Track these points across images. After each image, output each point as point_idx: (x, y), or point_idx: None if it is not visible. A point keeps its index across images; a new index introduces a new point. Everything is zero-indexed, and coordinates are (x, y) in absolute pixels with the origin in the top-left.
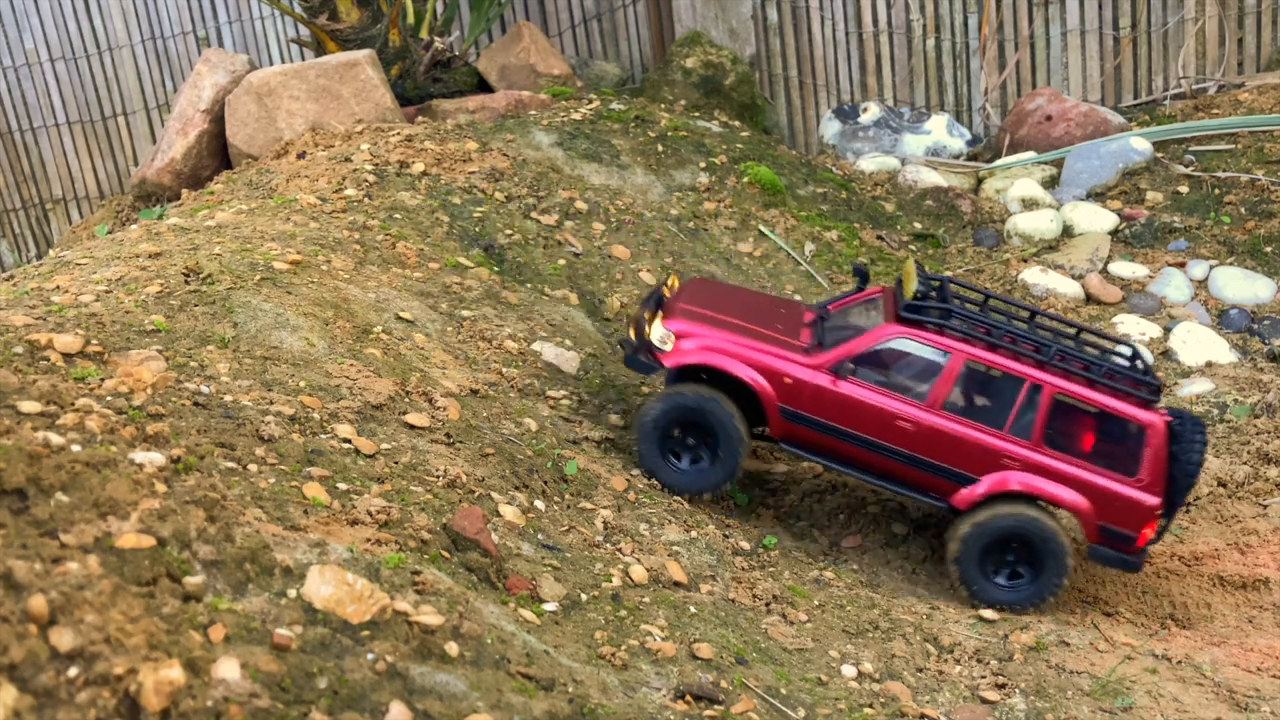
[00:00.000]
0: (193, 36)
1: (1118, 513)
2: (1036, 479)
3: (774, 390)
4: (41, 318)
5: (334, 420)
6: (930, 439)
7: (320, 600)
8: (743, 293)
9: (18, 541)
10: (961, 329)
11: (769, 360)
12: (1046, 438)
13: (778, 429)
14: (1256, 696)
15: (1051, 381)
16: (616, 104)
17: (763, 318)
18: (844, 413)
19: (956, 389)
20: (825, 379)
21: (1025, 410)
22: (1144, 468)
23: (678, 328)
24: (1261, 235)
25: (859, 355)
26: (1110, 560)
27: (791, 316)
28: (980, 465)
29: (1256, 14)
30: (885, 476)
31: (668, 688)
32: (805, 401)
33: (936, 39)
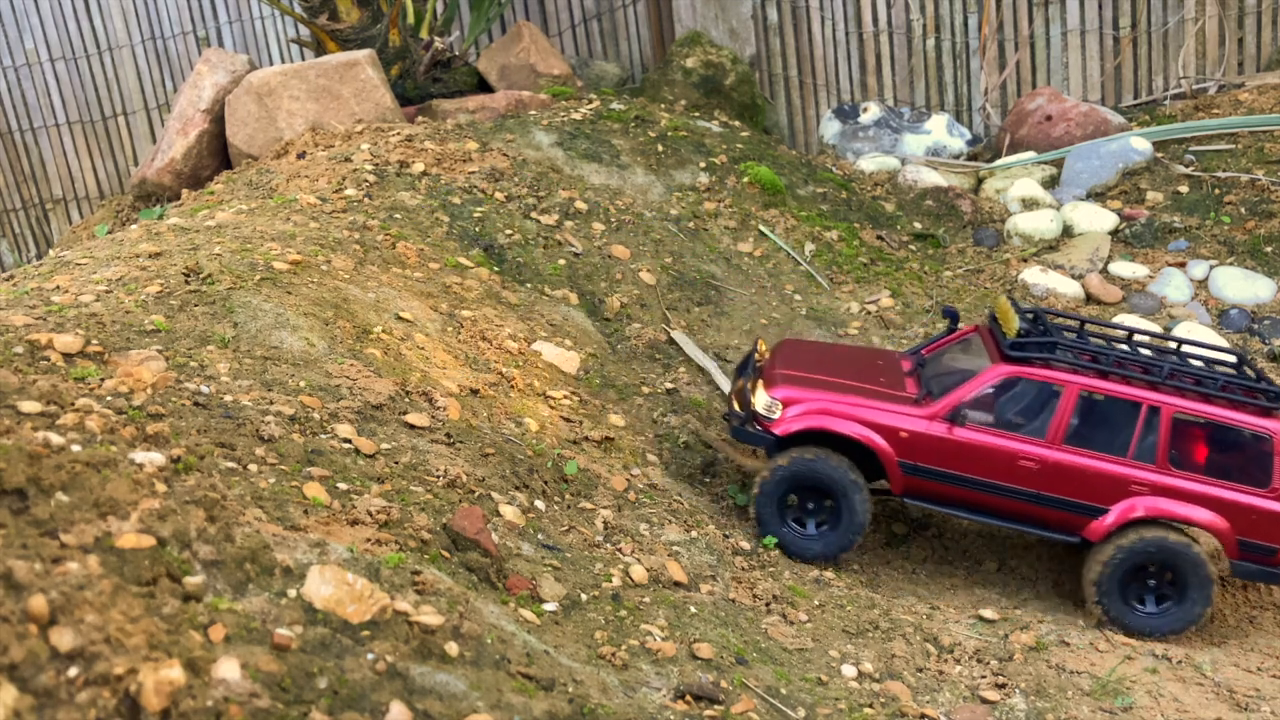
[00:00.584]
0: (193, 36)
1: (1256, 526)
2: (1167, 502)
3: (891, 446)
4: (41, 318)
5: (334, 420)
6: (1055, 475)
7: (320, 600)
8: (836, 349)
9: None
10: (1069, 360)
11: (881, 416)
12: (1171, 459)
13: (899, 484)
14: (1256, 696)
15: (1169, 402)
16: (616, 104)
17: (863, 373)
18: (965, 459)
19: (1074, 421)
20: (941, 428)
21: (1146, 434)
22: (1276, 477)
23: (783, 395)
24: (1261, 235)
25: (971, 399)
26: (1256, 575)
27: (891, 368)
28: (1108, 495)
29: (1256, 14)
30: (1013, 518)
31: (668, 688)
32: (924, 453)
33: (936, 39)
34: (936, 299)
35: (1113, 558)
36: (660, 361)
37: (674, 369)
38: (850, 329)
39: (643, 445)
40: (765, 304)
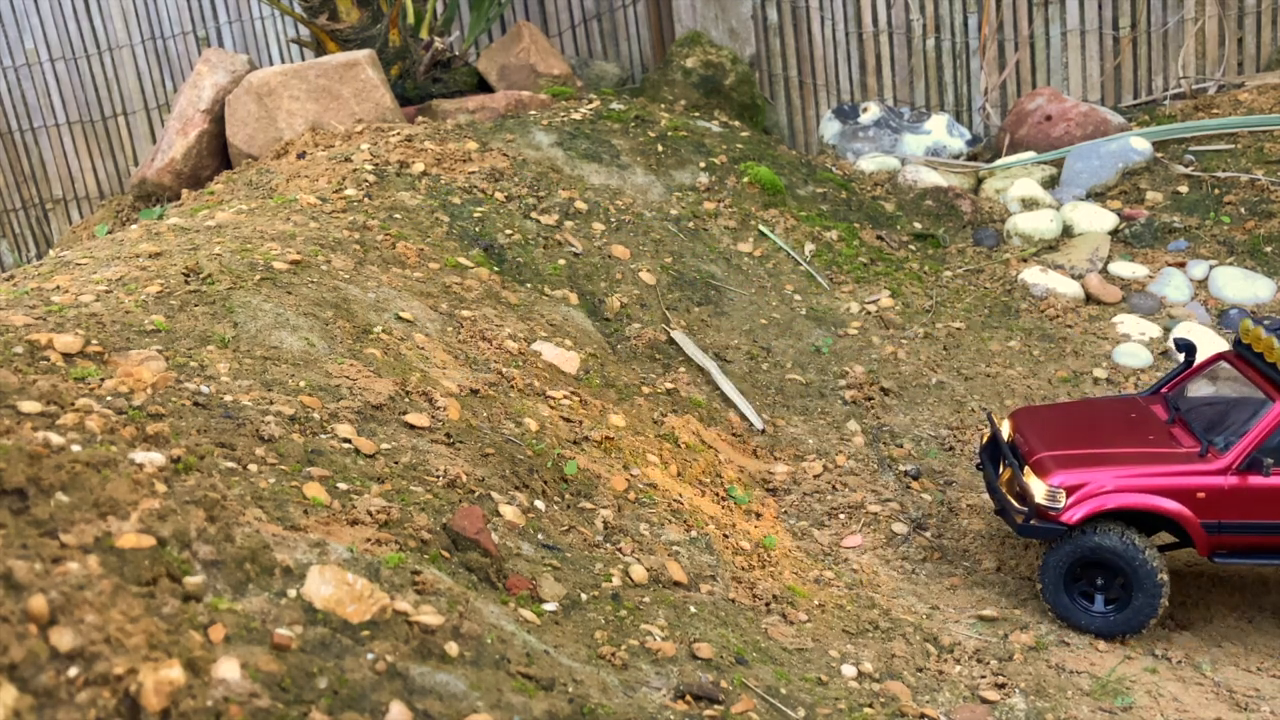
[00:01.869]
0: (193, 36)
1: None
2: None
3: (1190, 511)
4: (41, 318)
5: (334, 420)
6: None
7: (320, 600)
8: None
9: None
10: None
11: (1174, 481)
12: None
13: (1204, 546)
14: (1256, 696)
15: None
16: (616, 104)
17: (1125, 434)
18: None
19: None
20: (1234, 480)
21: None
22: None
23: (1063, 481)
24: (1261, 235)
25: (1266, 444)
26: None
27: (1147, 420)
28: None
29: (1256, 14)
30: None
31: (668, 688)
32: (1227, 511)
33: (936, 39)
34: (936, 299)
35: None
36: (660, 361)
37: (674, 369)
38: (850, 329)
39: (643, 445)
40: (765, 304)
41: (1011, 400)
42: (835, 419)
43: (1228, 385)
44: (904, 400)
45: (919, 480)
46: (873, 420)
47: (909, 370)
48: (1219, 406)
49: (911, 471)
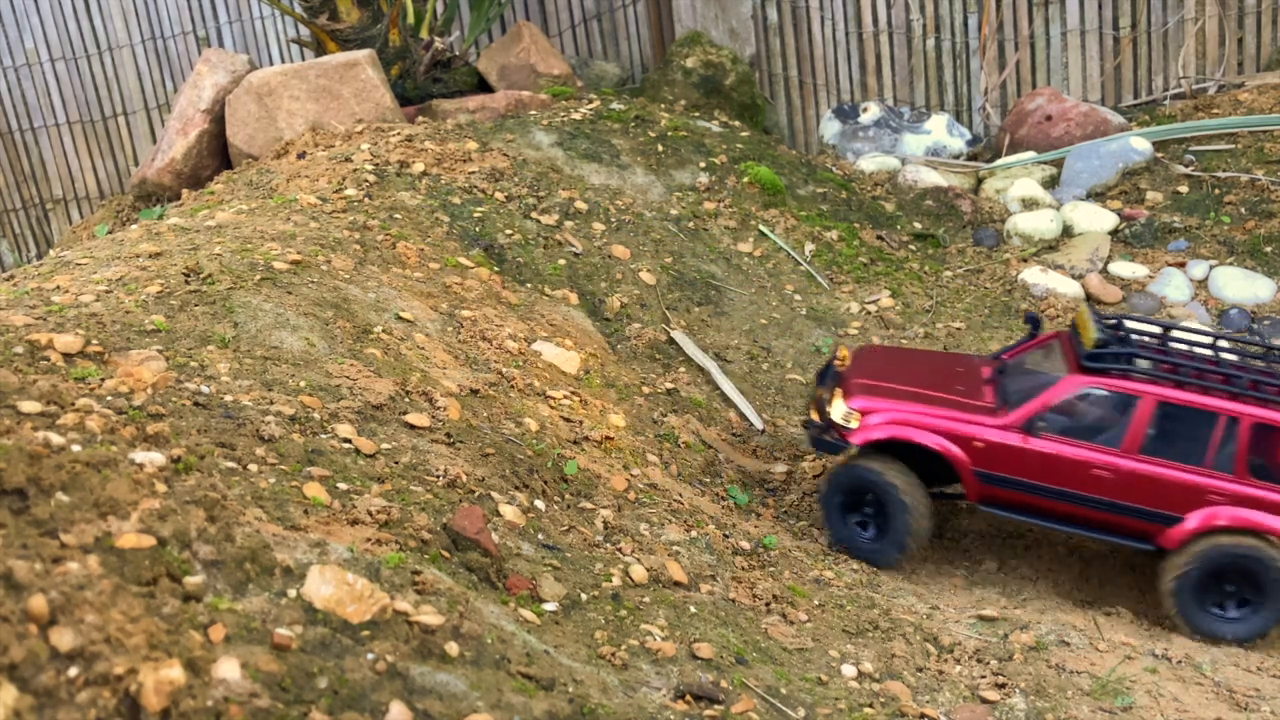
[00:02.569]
0: (193, 36)
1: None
2: (1246, 512)
3: (967, 455)
4: (41, 318)
5: (334, 420)
6: (1131, 484)
7: (320, 600)
8: (915, 355)
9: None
10: (1147, 371)
11: (957, 426)
12: (1251, 468)
13: (974, 492)
14: (1256, 696)
15: (1247, 411)
16: (616, 104)
17: (941, 381)
18: (1040, 469)
19: (1151, 431)
20: (1016, 438)
21: (1225, 443)
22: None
23: (860, 405)
24: (1261, 235)
25: (1047, 410)
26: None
27: (970, 375)
28: (1185, 504)
29: (1256, 14)
30: (1088, 525)
31: (668, 688)
32: (1000, 463)
33: (936, 39)
34: (936, 299)
35: (1188, 566)
36: (660, 361)
37: (674, 369)
38: (850, 329)
39: (643, 445)
40: (765, 304)
41: None
42: None
43: (1051, 361)
44: None
45: None
46: None
47: None
48: (1033, 376)
49: None
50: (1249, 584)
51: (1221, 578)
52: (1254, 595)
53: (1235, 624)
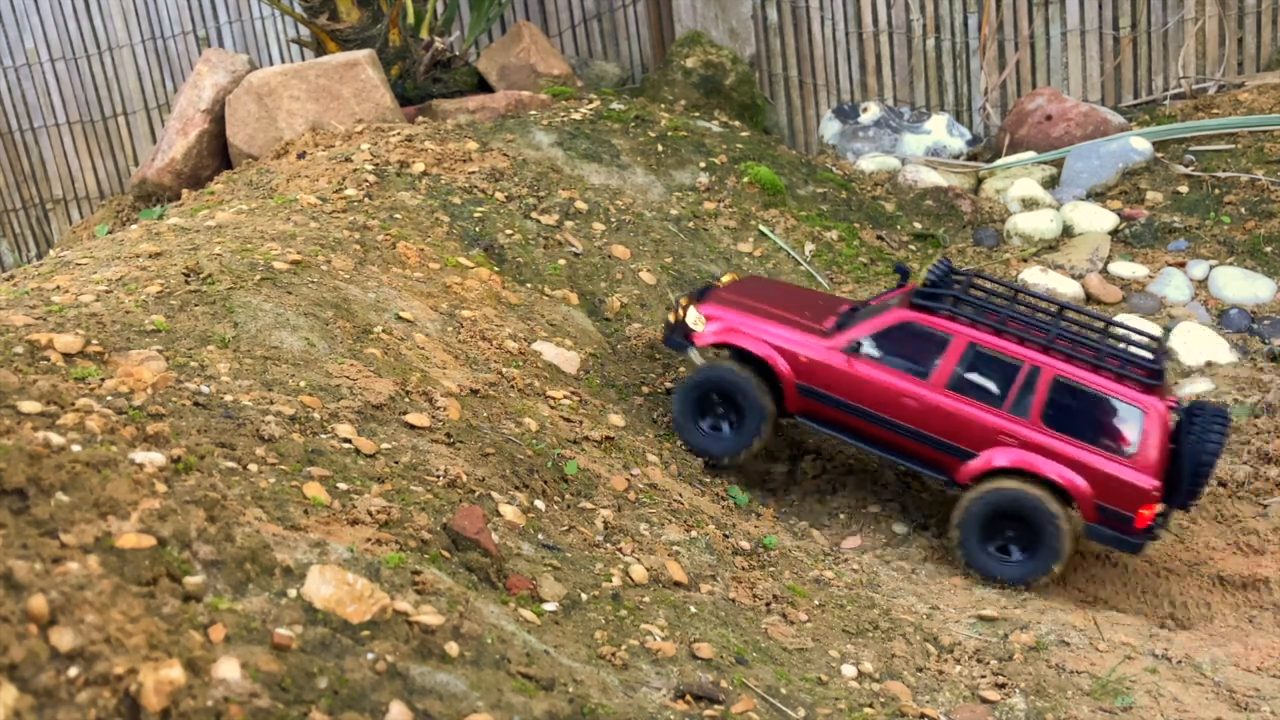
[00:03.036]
0: (193, 36)
1: (1113, 493)
2: (1031, 456)
3: (790, 368)
4: (42, 318)
5: (334, 420)
6: (933, 415)
7: (320, 600)
8: (792, 290)
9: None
10: (970, 315)
11: (785, 341)
12: (1046, 418)
13: (794, 404)
14: (1256, 696)
15: (1051, 364)
16: (616, 104)
17: (795, 308)
18: (854, 389)
19: (960, 369)
20: (838, 359)
21: (1025, 391)
22: (1141, 450)
23: (709, 311)
24: (1261, 235)
25: (870, 336)
26: (1108, 540)
27: (826, 308)
28: (979, 442)
29: (1256, 14)
30: (892, 450)
31: (668, 687)
32: (819, 379)
33: (936, 39)
34: None
35: (974, 503)
36: (660, 361)
37: (674, 369)
38: None
39: (643, 445)
40: None
41: None
42: None
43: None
44: None
45: (919, 480)
46: None
47: None
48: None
49: None
50: (1027, 529)
51: (1003, 520)
52: (1030, 541)
53: (1010, 567)
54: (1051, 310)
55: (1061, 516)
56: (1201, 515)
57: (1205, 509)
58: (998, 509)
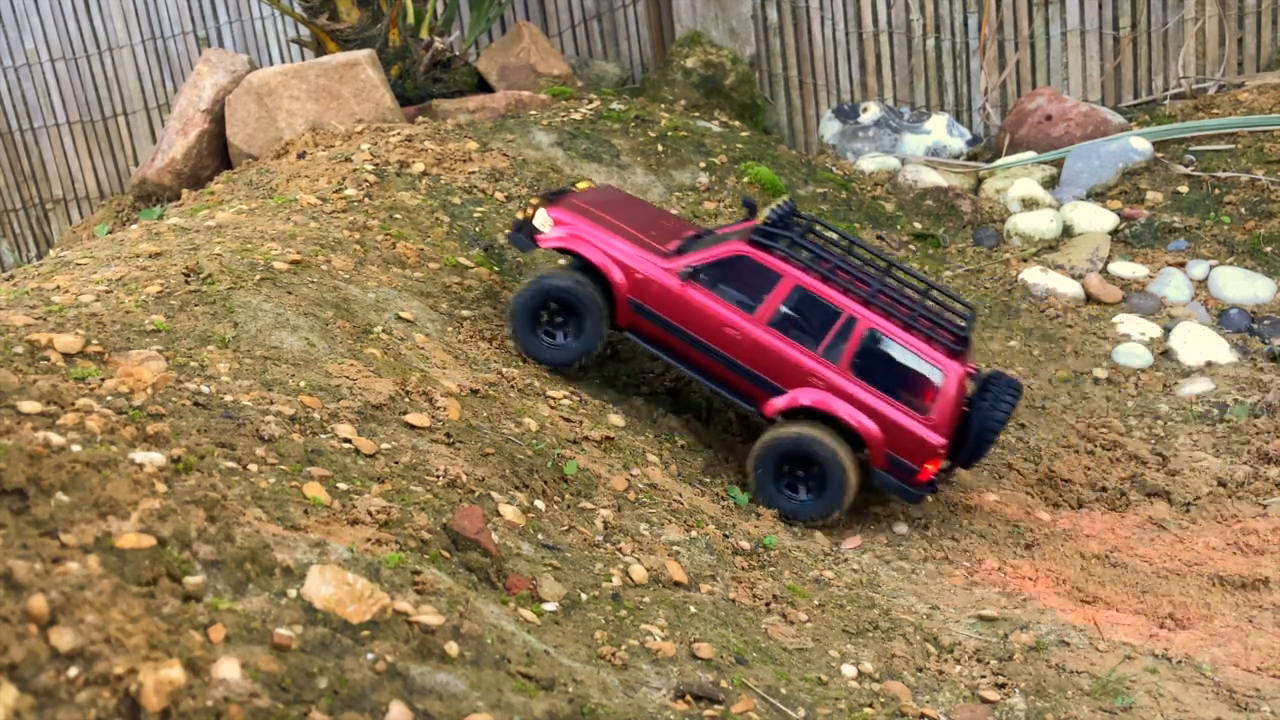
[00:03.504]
0: (193, 36)
1: (903, 445)
2: (832, 399)
3: (625, 281)
4: (41, 318)
5: (334, 420)
6: (752, 349)
7: (320, 600)
8: (646, 207)
9: (18, 541)
10: (802, 259)
11: (625, 256)
12: (854, 366)
13: (624, 318)
14: (1256, 696)
15: (867, 316)
16: (616, 104)
17: (644, 225)
18: (682, 313)
19: (783, 309)
20: (673, 281)
21: (839, 338)
22: (936, 408)
23: (558, 216)
24: (1261, 235)
25: (706, 264)
26: (891, 487)
27: (674, 231)
28: (791, 380)
29: (1256, 14)
30: (709, 376)
31: (668, 687)
32: (651, 297)
33: (936, 39)
34: None
35: (771, 440)
36: (660, 361)
37: (674, 369)
38: None
39: (643, 445)
40: None
41: None
42: None
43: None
44: None
45: None
46: None
47: None
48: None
49: None
50: (817, 470)
51: (796, 460)
52: (818, 482)
53: (799, 504)
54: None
55: (848, 466)
56: (1201, 515)
57: (1205, 509)
58: (794, 450)
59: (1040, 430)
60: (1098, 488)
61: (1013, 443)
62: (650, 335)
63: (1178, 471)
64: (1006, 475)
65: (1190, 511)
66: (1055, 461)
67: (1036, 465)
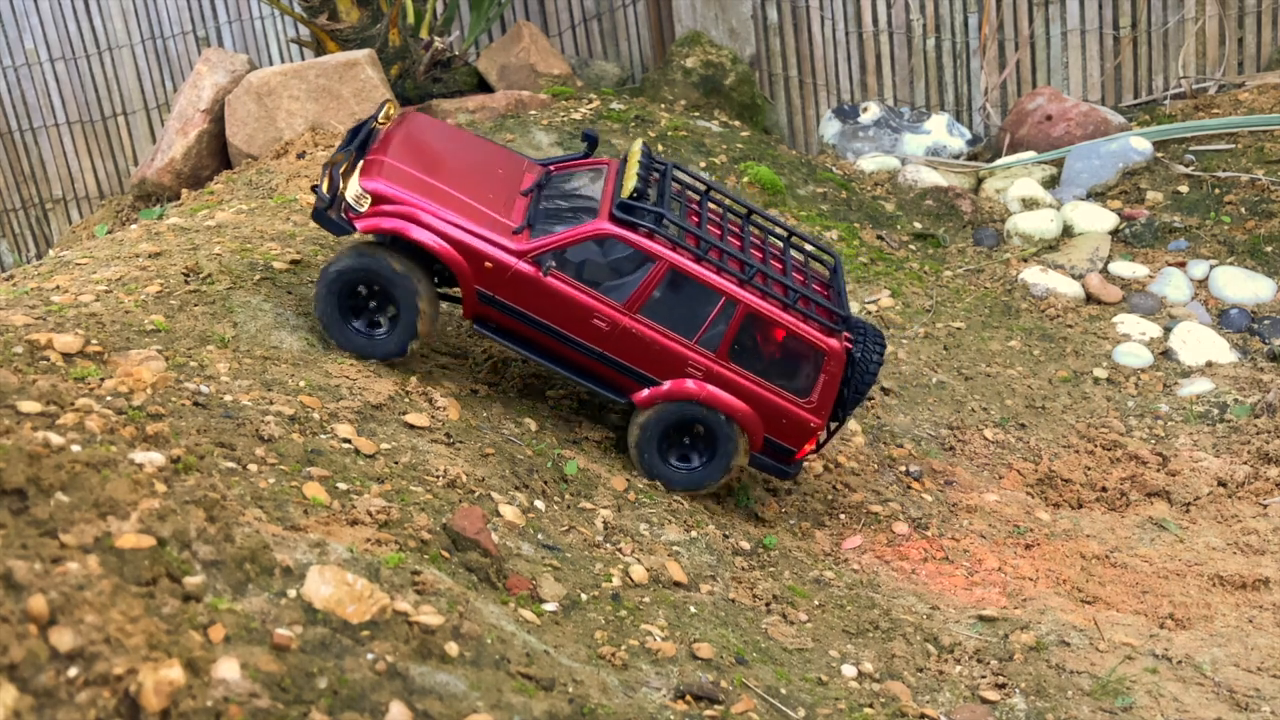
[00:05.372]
0: (193, 36)
1: (784, 429)
2: (714, 388)
3: (472, 271)
4: (41, 318)
5: (334, 420)
6: (623, 340)
7: (320, 600)
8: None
9: (18, 541)
10: (671, 236)
11: (471, 239)
12: (733, 352)
13: (471, 309)
14: (1256, 696)
15: (747, 299)
16: (616, 104)
17: (478, 182)
18: (542, 304)
19: (656, 294)
20: (528, 267)
21: (718, 323)
22: (817, 391)
23: (378, 189)
24: (1261, 235)
25: (565, 249)
26: (766, 468)
27: (510, 181)
28: (666, 370)
29: (1256, 14)
30: (574, 369)
31: (668, 688)
32: (504, 288)
33: (936, 39)
34: (936, 299)
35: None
36: None
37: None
38: None
39: None
40: None
41: (1011, 400)
42: None
43: (594, 187)
44: (904, 400)
45: (919, 480)
46: (873, 420)
47: (909, 370)
48: (566, 204)
49: (914, 472)
50: (703, 438)
51: (680, 431)
52: (706, 448)
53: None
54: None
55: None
56: (1201, 515)
57: (1205, 509)
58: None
59: (1040, 430)
60: (1098, 488)
61: (1013, 443)
62: (503, 327)
63: (1178, 471)
64: (1006, 475)
65: (1190, 511)
66: (1055, 461)
67: (1036, 465)
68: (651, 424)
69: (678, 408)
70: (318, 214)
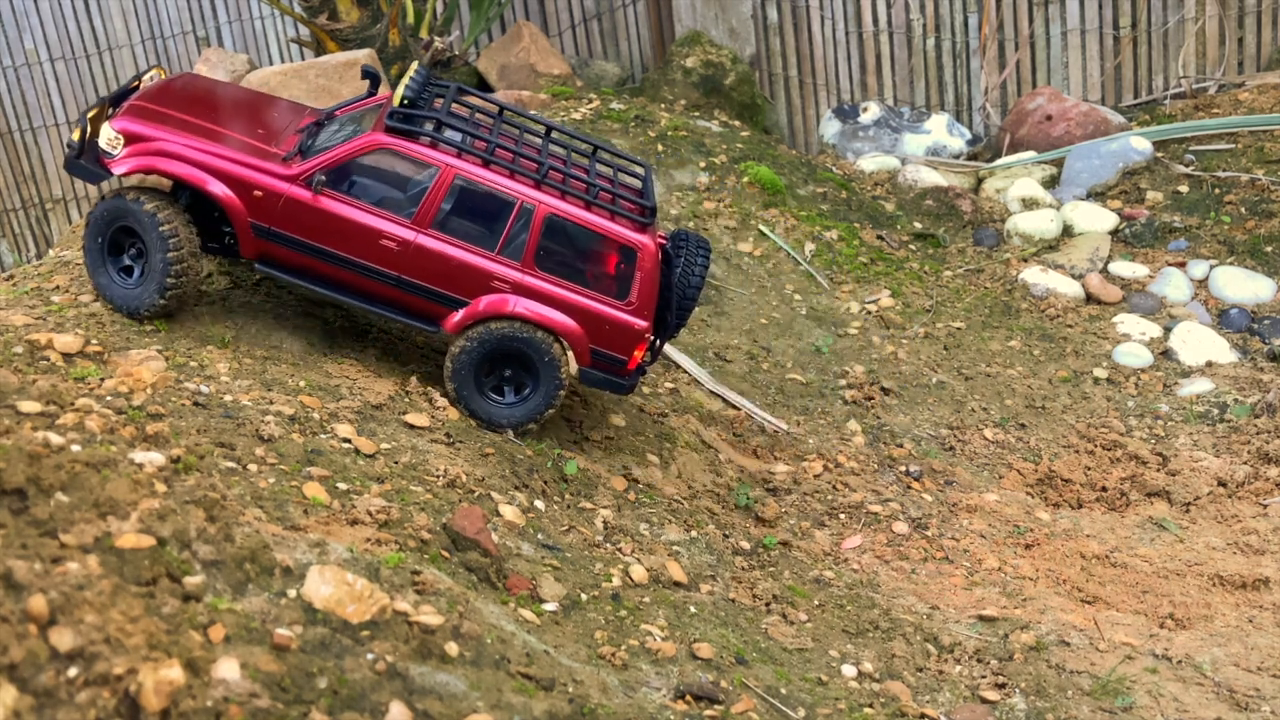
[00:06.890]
0: (193, 36)
1: (608, 336)
2: (526, 302)
3: (242, 203)
4: (41, 318)
5: (334, 420)
6: (417, 260)
7: (320, 600)
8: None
9: (18, 541)
10: (455, 142)
11: (234, 169)
12: (539, 260)
13: (249, 247)
14: (1256, 696)
15: (545, 202)
16: (616, 104)
17: (243, 121)
18: (322, 230)
19: (445, 207)
20: (302, 192)
21: (517, 232)
22: (634, 291)
23: (129, 127)
24: (1261, 235)
25: (339, 166)
26: (601, 383)
27: (283, 121)
28: (470, 288)
29: (1256, 14)
30: (373, 300)
31: (668, 687)
32: (279, 217)
33: (936, 39)
34: (936, 299)
35: (465, 349)
36: (660, 361)
37: (674, 369)
38: (850, 329)
39: (643, 445)
40: (765, 304)
41: (1011, 400)
42: (835, 419)
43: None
44: (904, 400)
45: (919, 480)
46: (873, 420)
47: (909, 370)
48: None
49: (913, 472)
50: (523, 369)
51: (499, 362)
52: (527, 380)
53: (510, 409)
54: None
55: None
56: (1201, 515)
57: (1205, 509)
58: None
59: (1040, 430)
60: (1098, 488)
61: (1013, 443)
62: (287, 263)
63: (1178, 471)
64: (1006, 475)
65: (1190, 511)
66: (1055, 461)
67: (1036, 465)
68: (467, 352)
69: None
70: (69, 163)
